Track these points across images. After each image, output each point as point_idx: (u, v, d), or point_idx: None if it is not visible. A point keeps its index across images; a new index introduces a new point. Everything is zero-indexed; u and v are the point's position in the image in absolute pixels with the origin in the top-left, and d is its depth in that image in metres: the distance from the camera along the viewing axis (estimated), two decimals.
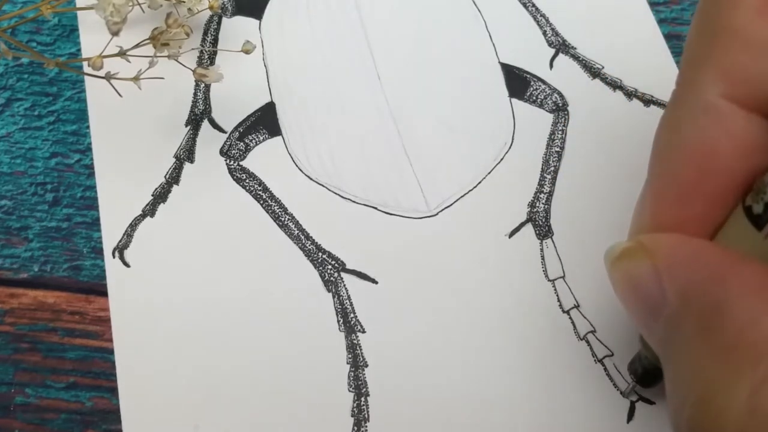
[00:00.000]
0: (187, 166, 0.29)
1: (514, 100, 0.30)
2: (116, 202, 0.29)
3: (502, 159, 0.30)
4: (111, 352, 0.28)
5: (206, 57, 0.30)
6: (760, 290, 0.17)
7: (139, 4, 0.29)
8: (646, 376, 0.26)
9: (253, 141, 0.30)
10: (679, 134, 0.20)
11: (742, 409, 0.16)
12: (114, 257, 0.28)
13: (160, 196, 0.29)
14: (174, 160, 0.29)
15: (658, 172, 0.21)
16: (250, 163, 0.29)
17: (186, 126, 0.30)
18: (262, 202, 0.29)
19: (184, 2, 0.29)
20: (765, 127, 0.19)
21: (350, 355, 0.28)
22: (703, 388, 0.17)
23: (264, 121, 0.30)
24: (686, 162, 0.20)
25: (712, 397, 0.16)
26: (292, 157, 0.30)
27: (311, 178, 0.29)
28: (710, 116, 0.20)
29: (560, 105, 0.30)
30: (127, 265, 0.28)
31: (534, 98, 0.30)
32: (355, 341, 0.28)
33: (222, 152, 0.30)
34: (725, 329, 0.17)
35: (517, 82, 0.30)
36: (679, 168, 0.20)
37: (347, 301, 0.28)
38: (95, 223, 0.29)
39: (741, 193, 0.20)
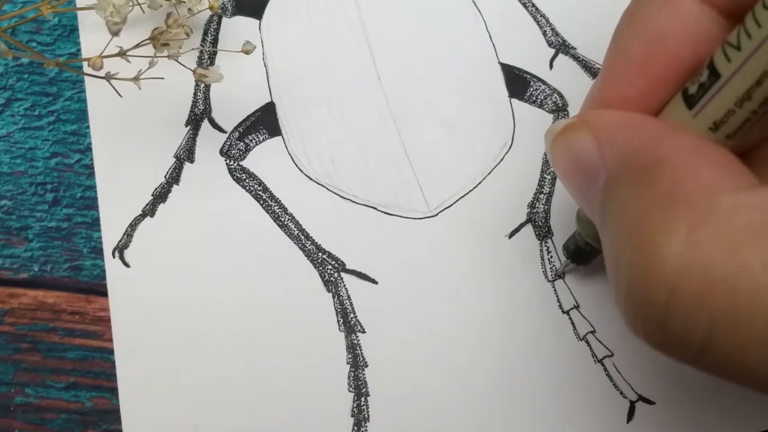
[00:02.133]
0: (187, 166, 0.29)
1: (514, 100, 0.30)
2: (116, 202, 0.29)
3: (502, 159, 0.30)
4: (111, 352, 0.28)
5: (206, 57, 0.30)
6: (697, 148, 0.18)
7: (139, 4, 0.29)
8: (578, 252, 0.27)
9: (253, 141, 0.30)
10: (636, 18, 0.21)
11: (680, 247, 0.16)
12: (114, 257, 0.28)
13: (160, 196, 0.29)
14: (174, 160, 0.29)
15: (610, 52, 0.22)
16: (250, 163, 0.29)
17: (186, 126, 0.30)
18: (262, 202, 0.29)
19: (184, 2, 0.29)
20: (715, 20, 0.21)
21: (350, 355, 0.28)
22: (642, 231, 0.17)
23: (264, 121, 0.30)
24: (638, 42, 0.21)
25: (652, 237, 0.17)
26: (292, 157, 0.30)
27: (311, 178, 0.29)
28: (666, 3, 0.21)
29: (560, 105, 0.30)
30: (127, 265, 0.28)
31: (534, 98, 0.30)
32: (355, 341, 0.28)
33: (222, 152, 0.30)
34: (664, 180, 0.18)
35: (517, 82, 0.30)
36: (631, 48, 0.21)
37: (347, 301, 0.28)
38: (95, 223, 0.29)
39: (683, 79, 0.21)
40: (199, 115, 0.30)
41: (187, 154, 0.30)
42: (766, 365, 0.16)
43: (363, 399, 0.27)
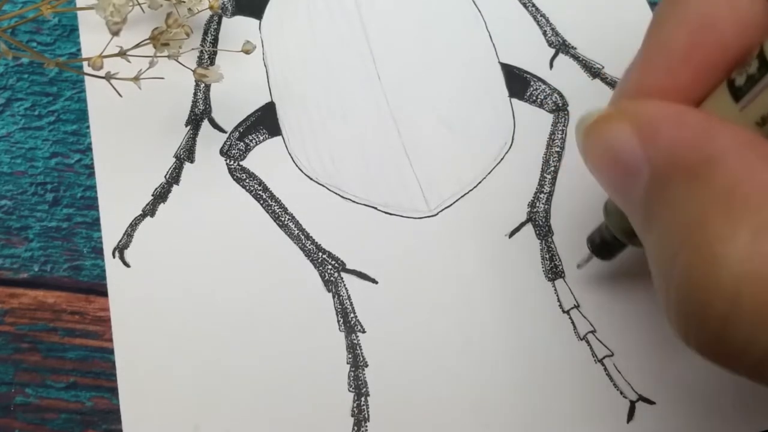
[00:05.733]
0: (187, 166, 0.29)
1: (514, 100, 0.30)
2: (116, 202, 0.29)
3: (502, 159, 0.30)
4: (111, 352, 0.28)
5: (206, 57, 0.30)
6: (751, 145, 0.17)
7: (139, 4, 0.29)
8: (603, 246, 0.26)
9: (253, 141, 0.30)
10: (680, 3, 0.20)
11: (742, 254, 0.15)
12: (114, 257, 0.28)
13: (160, 196, 0.29)
14: (174, 160, 0.29)
15: (651, 40, 0.21)
16: (250, 163, 0.29)
17: (186, 126, 0.30)
18: (262, 202, 0.29)
19: (184, 2, 0.29)
20: (766, 9, 0.19)
21: (350, 355, 0.28)
22: (700, 236, 0.16)
23: (264, 121, 0.30)
24: (683, 30, 0.20)
25: (711, 243, 0.16)
26: (292, 157, 0.30)
27: (311, 178, 0.29)
28: None
29: (560, 105, 0.30)
30: (127, 265, 0.28)
31: (534, 98, 0.30)
32: (355, 341, 0.28)
33: (222, 152, 0.30)
34: (720, 181, 0.17)
35: (517, 82, 0.30)
36: (674, 35, 0.20)
37: (347, 301, 0.28)
38: (95, 223, 0.29)
39: (728, 70, 0.19)
40: (199, 115, 0.30)
41: (187, 154, 0.30)
42: None
43: (363, 399, 0.27)
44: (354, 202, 0.29)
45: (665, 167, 0.18)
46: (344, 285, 0.28)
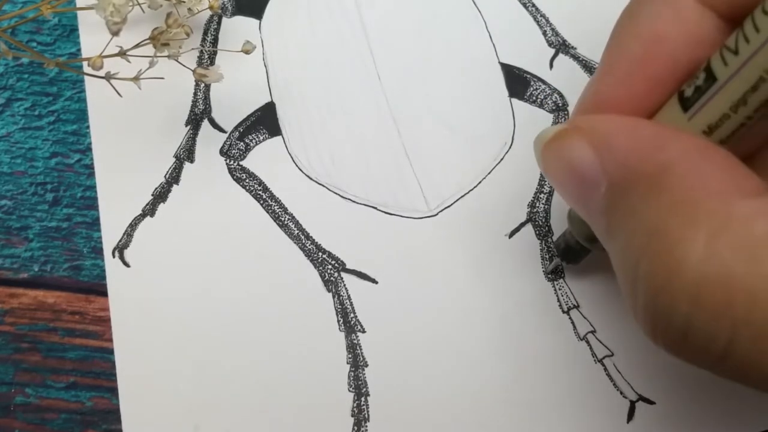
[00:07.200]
0: (187, 166, 0.29)
1: (514, 100, 0.30)
2: (116, 202, 0.29)
3: (502, 159, 0.30)
4: (111, 352, 0.28)
5: (206, 57, 0.30)
6: (701, 151, 0.18)
7: (139, 4, 0.29)
8: (568, 251, 0.27)
9: (253, 141, 0.30)
10: (635, 19, 0.21)
11: (700, 256, 0.16)
12: (114, 257, 0.28)
13: (160, 196, 0.29)
14: (174, 160, 0.29)
15: (608, 52, 0.22)
16: (250, 163, 0.29)
17: (186, 126, 0.30)
18: (262, 202, 0.29)
19: (184, 2, 0.29)
20: (715, 24, 0.20)
21: (350, 355, 0.28)
22: (660, 242, 0.17)
23: (264, 121, 0.30)
24: (636, 43, 0.21)
25: (669, 248, 0.17)
26: (292, 157, 0.30)
27: (311, 178, 0.29)
28: (667, 4, 0.21)
29: (560, 105, 0.30)
30: (127, 265, 0.28)
31: (534, 98, 0.30)
32: (355, 341, 0.28)
33: (222, 152, 0.30)
34: (674, 188, 0.17)
35: (517, 82, 0.30)
36: (627, 48, 0.21)
37: (347, 301, 0.28)
38: (95, 223, 0.29)
39: (680, 83, 0.20)
40: (199, 115, 0.30)
41: (187, 154, 0.30)
42: None
43: (363, 399, 0.27)
44: (354, 202, 0.29)
45: (622, 178, 0.19)
46: (344, 285, 0.28)
